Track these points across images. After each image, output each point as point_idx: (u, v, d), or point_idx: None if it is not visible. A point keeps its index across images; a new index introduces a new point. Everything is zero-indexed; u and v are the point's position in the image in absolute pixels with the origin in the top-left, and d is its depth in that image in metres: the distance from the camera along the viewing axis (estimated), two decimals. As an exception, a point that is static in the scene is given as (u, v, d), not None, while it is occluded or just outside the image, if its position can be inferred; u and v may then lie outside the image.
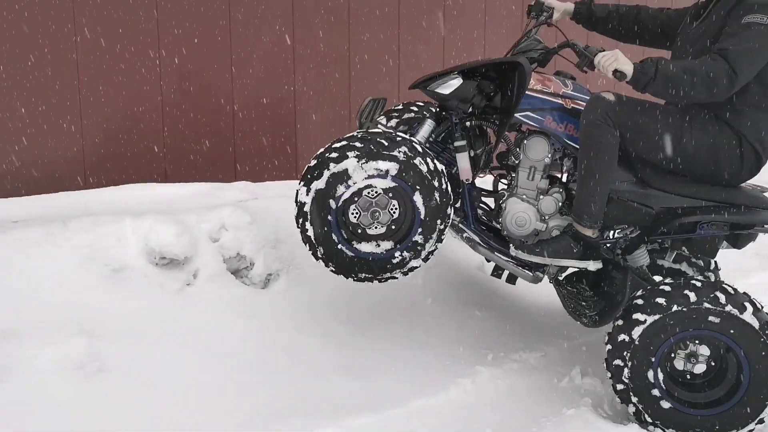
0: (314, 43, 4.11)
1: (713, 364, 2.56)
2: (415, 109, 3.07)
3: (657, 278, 3.02)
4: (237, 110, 3.89)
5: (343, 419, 2.46)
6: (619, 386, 2.54)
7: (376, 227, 2.49)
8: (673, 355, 2.55)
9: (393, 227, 2.52)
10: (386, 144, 2.47)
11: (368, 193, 2.47)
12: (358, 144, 2.47)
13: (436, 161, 2.54)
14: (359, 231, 2.50)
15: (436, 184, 2.51)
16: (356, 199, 2.47)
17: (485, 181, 3.05)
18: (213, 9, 3.75)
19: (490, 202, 2.98)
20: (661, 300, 2.50)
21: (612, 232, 2.80)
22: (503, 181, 2.97)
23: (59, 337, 2.40)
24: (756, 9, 2.45)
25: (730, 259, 4.42)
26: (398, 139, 2.49)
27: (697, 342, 2.54)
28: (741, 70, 2.42)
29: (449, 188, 2.57)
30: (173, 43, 3.65)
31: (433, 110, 2.88)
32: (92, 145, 3.51)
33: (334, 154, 2.47)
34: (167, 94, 3.67)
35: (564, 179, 2.92)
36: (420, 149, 2.51)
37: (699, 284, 2.53)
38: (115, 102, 3.55)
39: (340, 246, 2.52)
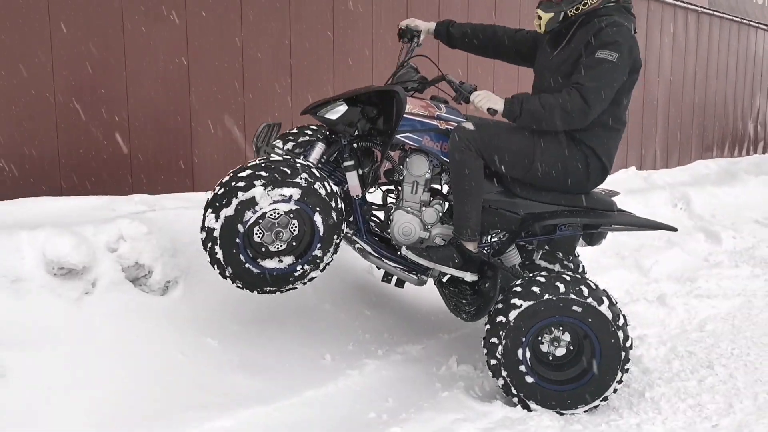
0: (209, 60, 4.29)
1: (572, 348, 2.96)
2: (309, 132, 3.30)
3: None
4: (131, 123, 4.00)
5: (238, 410, 2.67)
6: (493, 361, 2.89)
7: (278, 245, 2.72)
8: (540, 338, 2.93)
9: (294, 244, 2.76)
10: (289, 172, 2.70)
11: (271, 215, 2.69)
12: (263, 173, 2.68)
13: (332, 184, 2.80)
14: (263, 249, 2.72)
15: (333, 204, 2.77)
16: (260, 221, 2.69)
17: (376, 196, 3.34)
18: (108, 23, 3.85)
19: (381, 214, 3.28)
20: (536, 288, 2.88)
21: (488, 236, 3.17)
22: (391, 195, 3.28)
23: (-42, 346, 2.47)
24: (607, 46, 2.86)
25: (593, 258, 4.99)
26: (299, 166, 2.73)
27: (561, 328, 2.93)
28: (594, 104, 2.84)
29: (343, 207, 2.85)
30: (67, 56, 3.73)
31: (324, 133, 3.15)
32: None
33: (241, 183, 2.67)
34: (60, 107, 3.74)
35: (444, 192, 3.27)
36: (318, 174, 2.76)
37: (568, 278, 2.92)
38: (7, 115, 3.58)
39: (247, 265, 2.72)
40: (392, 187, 3.28)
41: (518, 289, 2.91)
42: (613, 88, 2.91)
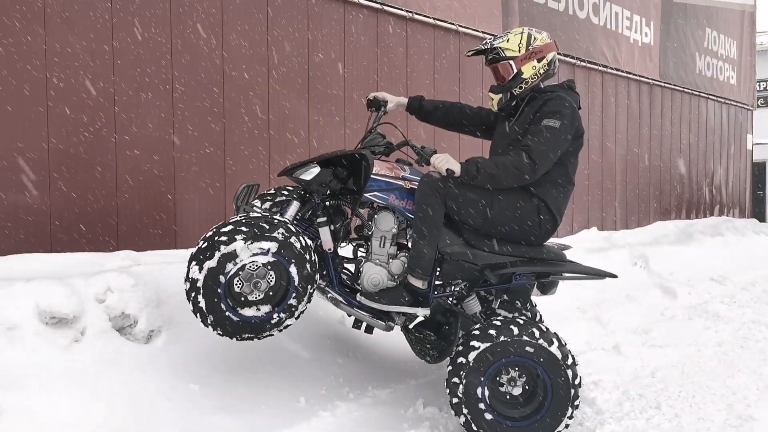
0: (192, 131, 4.63)
1: (527, 387, 3.22)
2: (286, 193, 3.59)
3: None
4: (119, 185, 4.29)
5: (219, 448, 2.86)
6: (455, 400, 3.13)
7: (256, 294, 2.98)
8: (498, 378, 3.18)
9: (270, 293, 3.01)
10: (267, 227, 2.98)
11: (251, 266, 2.96)
12: (244, 228, 2.96)
13: (306, 238, 3.09)
14: (242, 298, 2.98)
15: (307, 257, 3.04)
16: (240, 272, 2.95)
17: (348, 251, 3.61)
18: (98, 92, 4.18)
19: (352, 268, 3.55)
20: (492, 332, 3.15)
21: (451, 287, 3.46)
22: (361, 249, 3.57)
23: (-42, 387, 2.66)
24: (551, 115, 3.28)
25: (556, 311, 5.28)
26: (276, 222, 3.02)
27: (516, 369, 3.19)
28: (540, 162, 3.22)
29: (316, 259, 3.13)
30: (60, 124, 4.03)
31: (299, 193, 3.46)
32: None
33: (223, 237, 2.94)
34: (53, 169, 4.02)
35: (409, 246, 3.57)
36: (294, 229, 3.05)
37: (521, 322, 3.20)
38: (2, 177, 3.85)
39: (227, 313, 2.96)
40: (362, 242, 3.58)
41: (476, 332, 3.18)
42: (558, 149, 3.29)
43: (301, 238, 3.06)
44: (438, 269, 3.38)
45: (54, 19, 4.01)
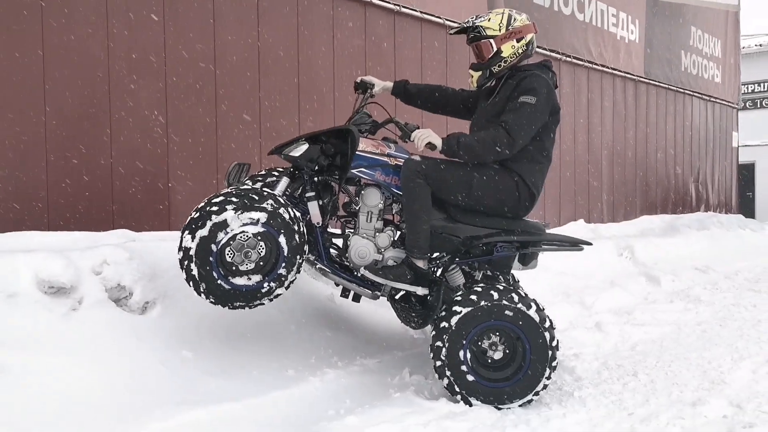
0: (184, 121, 4.77)
1: (507, 351, 3.36)
2: (276, 174, 3.74)
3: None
4: (114, 168, 4.42)
5: (211, 406, 2.99)
6: (438, 363, 3.27)
7: (247, 264, 3.12)
8: (479, 342, 3.32)
9: (261, 263, 3.15)
10: (257, 198, 3.13)
11: (241, 237, 3.10)
12: (234, 199, 3.10)
13: (294, 210, 3.23)
14: (233, 268, 3.11)
15: (295, 228, 3.19)
16: (231, 242, 3.09)
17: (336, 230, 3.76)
18: (96, 80, 4.33)
19: (340, 244, 3.69)
20: (473, 297, 3.30)
21: (435, 259, 3.60)
22: (348, 225, 3.71)
23: (-38, 345, 2.79)
24: (527, 92, 3.43)
25: (541, 295, 5.43)
26: (265, 193, 3.17)
27: (497, 333, 3.33)
28: (517, 137, 3.37)
29: (305, 231, 3.27)
30: (57, 105, 4.17)
31: (289, 171, 3.60)
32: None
33: (215, 207, 3.08)
34: (51, 152, 4.16)
35: (395, 220, 3.72)
36: (282, 201, 3.19)
37: (501, 287, 3.35)
38: (3, 157, 3.99)
39: (219, 281, 3.10)
40: (350, 218, 3.72)
41: (458, 298, 3.33)
42: (534, 125, 3.43)
43: (289, 209, 3.20)
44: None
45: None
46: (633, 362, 4.11)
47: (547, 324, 3.31)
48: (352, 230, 3.62)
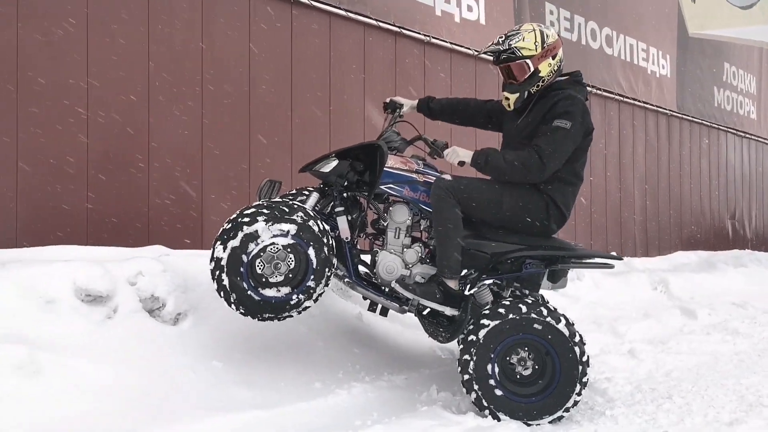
0: (219, 143, 4.91)
1: (536, 366, 3.32)
2: (306, 193, 3.80)
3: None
4: (152, 187, 4.55)
5: (240, 413, 3.02)
6: (465, 376, 3.25)
7: (276, 276, 3.17)
8: (508, 358, 3.29)
9: (290, 276, 3.20)
10: (287, 210, 3.20)
11: (271, 248, 3.16)
12: (265, 210, 3.18)
13: (323, 223, 3.29)
14: (263, 279, 3.16)
15: (324, 240, 3.24)
16: (262, 254, 3.15)
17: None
18: (135, 103, 4.50)
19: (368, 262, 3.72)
20: (501, 310, 3.29)
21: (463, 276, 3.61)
22: (377, 242, 3.75)
23: (2, 345, 2.87)
24: (561, 116, 3.43)
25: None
26: (295, 206, 3.24)
27: (526, 348, 3.30)
28: (549, 163, 3.37)
29: (334, 244, 3.32)
30: (98, 128, 4.34)
31: (319, 187, 3.67)
32: (25, 209, 4.05)
33: (246, 219, 3.16)
34: (91, 171, 4.30)
35: (423, 237, 3.74)
36: (312, 214, 3.26)
37: (530, 301, 3.34)
38: (46, 176, 4.14)
39: (249, 292, 3.15)
40: (378, 234, 3.76)
41: (486, 311, 3.32)
42: (568, 150, 3.43)
43: (319, 222, 3.25)
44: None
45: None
46: (668, 387, 4.01)
47: (577, 339, 3.28)
48: (380, 246, 3.65)
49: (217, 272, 3.16)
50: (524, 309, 3.27)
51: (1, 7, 3.99)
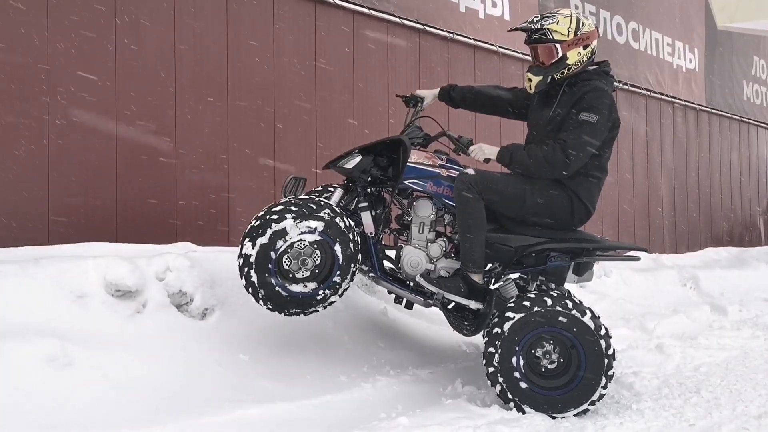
0: (244, 141, 4.98)
1: (561, 360, 3.31)
2: (331, 190, 3.83)
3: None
4: (179, 189, 4.63)
5: (266, 404, 3.07)
6: (490, 369, 3.25)
7: (303, 272, 3.21)
8: (533, 351, 3.28)
9: (317, 271, 3.24)
10: (314, 207, 3.25)
11: (298, 245, 3.20)
12: (293, 208, 3.23)
13: (349, 219, 3.32)
14: (290, 275, 3.21)
15: (350, 237, 3.28)
16: (289, 250, 3.19)
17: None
18: (163, 105, 4.58)
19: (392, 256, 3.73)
20: (526, 303, 3.29)
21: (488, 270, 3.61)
22: (401, 238, 3.77)
23: (35, 339, 2.95)
24: (588, 109, 3.39)
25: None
26: (322, 203, 3.29)
27: (551, 342, 3.29)
28: (574, 159, 3.35)
29: (359, 240, 3.35)
30: (127, 126, 4.43)
31: (343, 183, 3.70)
32: (57, 207, 4.15)
33: (274, 216, 3.21)
34: (121, 170, 4.39)
35: (447, 231, 3.75)
36: (339, 211, 3.29)
37: (555, 294, 3.34)
38: (78, 177, 4.24)
39: (277, 288, 3.21)
40: (402, 230, 3.78)
41: (511, 304, 3.32)
42: (593, 145, 3.40)
43: (345, 218, 3.28)
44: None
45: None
46: (696, 381, 3.97)
47: (603, 332, 3.26)
48: (405, 242, 3.67)
49: (246, 269, 3.21)
50: (549, 302, 3.26)
51: (27, 16, 4.09)
